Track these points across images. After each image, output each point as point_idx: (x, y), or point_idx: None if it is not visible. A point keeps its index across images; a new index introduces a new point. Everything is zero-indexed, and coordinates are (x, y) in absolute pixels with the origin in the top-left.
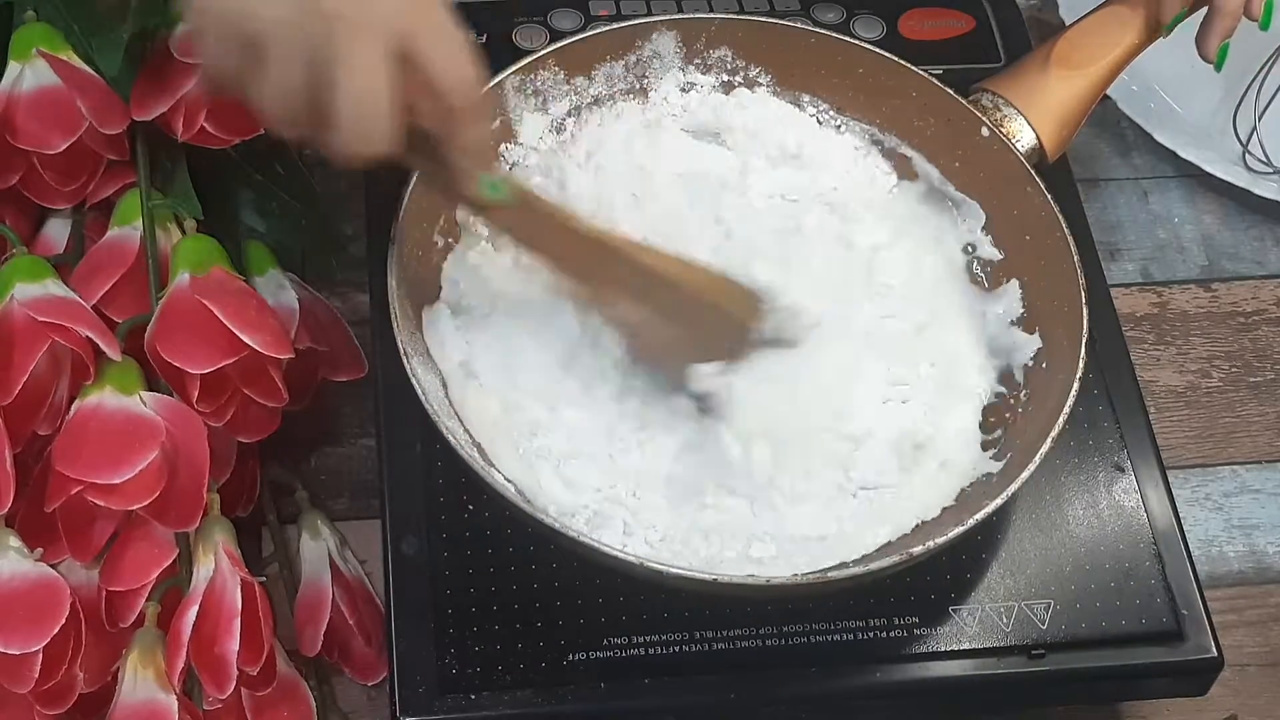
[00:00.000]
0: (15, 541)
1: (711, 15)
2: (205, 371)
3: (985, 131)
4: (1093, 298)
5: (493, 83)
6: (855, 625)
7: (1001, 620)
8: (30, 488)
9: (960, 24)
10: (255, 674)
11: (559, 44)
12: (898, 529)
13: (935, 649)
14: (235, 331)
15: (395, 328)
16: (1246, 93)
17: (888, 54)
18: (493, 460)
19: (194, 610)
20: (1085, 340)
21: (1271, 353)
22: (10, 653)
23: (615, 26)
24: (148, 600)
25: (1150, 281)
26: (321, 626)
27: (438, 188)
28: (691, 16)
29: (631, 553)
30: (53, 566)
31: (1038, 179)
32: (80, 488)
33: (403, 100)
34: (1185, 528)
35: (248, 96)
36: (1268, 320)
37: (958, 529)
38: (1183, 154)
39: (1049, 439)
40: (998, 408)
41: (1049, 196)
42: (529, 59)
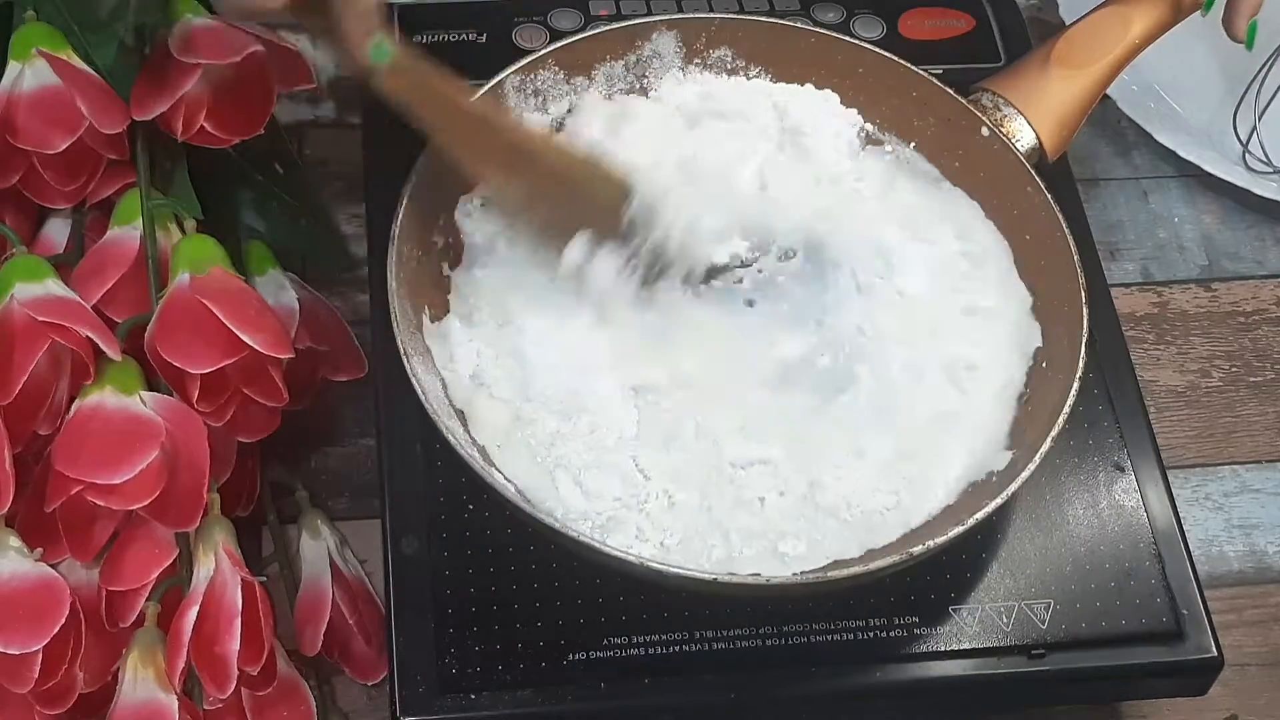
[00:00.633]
0: (15, 541)
1: (711, 15)
2: (205, 371)
3: (985, 131)
4: (1093, 297)
5: (492, 83)
6: (855, 625)
7: (1001, 620)
8: (30, 488)
9: (960, 24)
10: (256, 674)
11: (559, 44)
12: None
13: (935, 649)
14: (235, 331)
15: (395, 328)
16: (1246, 93)
17: (888, 54)
18: (503, 468)
19: (194, 610)
20: (1085, 340)
21: (1271, 353)
22: (10, 653)
23: (615, 26)
24: (148, 600)
25: (1150, 281)
26: (321, 626)
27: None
28: (691, 16)
29: (631, 552)
30: (53, 566)
31: (1038, 179)
32: (80, 488)
33: None
34: (1185, 528)
35: None
36: (1268, 320)
37: (958, 529)
38: (1183, 154)
39: (1049, 439)
40: None
41: (1049, 196)
42: (529, 59)
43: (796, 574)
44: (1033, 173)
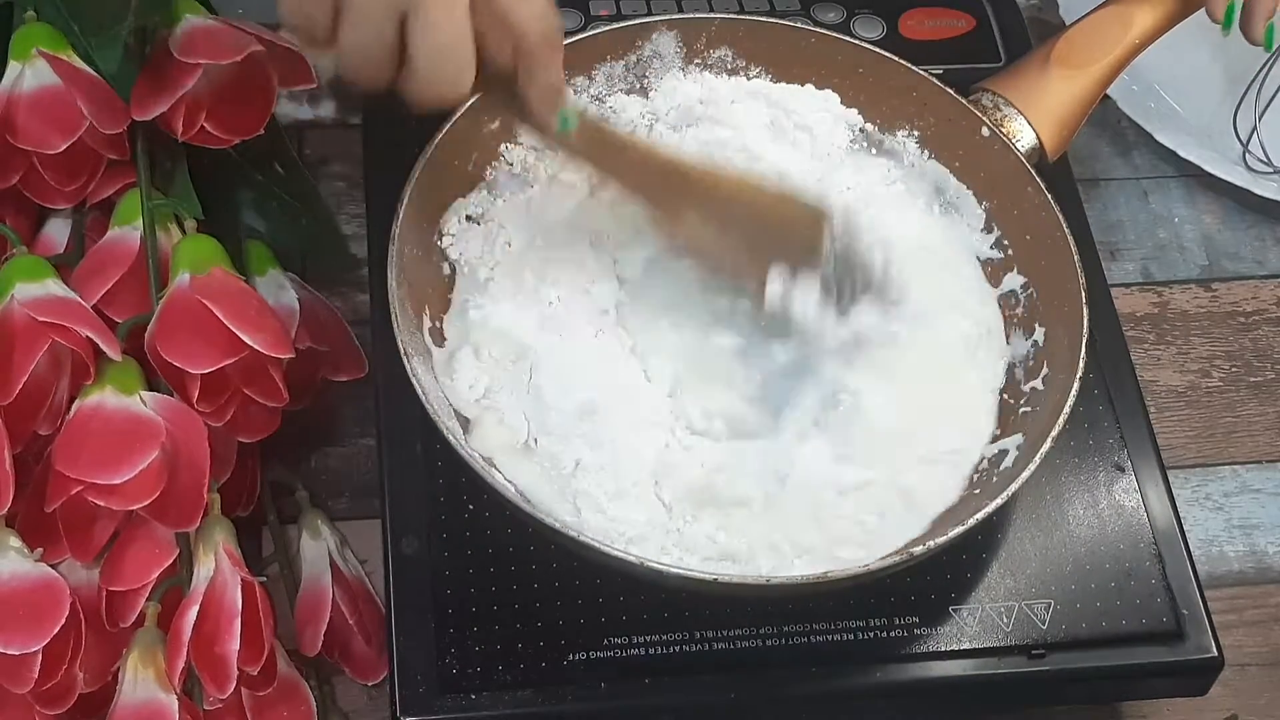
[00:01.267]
0: (15, 541)
1: (712, 15)
2: (205, 371)
3: (985, 131)
4: (1093, 298)
5: None
6: (855, 625)
7: (1001, 620)
8: (30, 488)
9: (960, 24)
10: (256, 674)
11: None
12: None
13: (935, 649)
14: (235, 331)
15: (395, 328)
16: (1246, 93)
17: (888, 54)
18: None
19: (194, 610)
20: (1085, 340)
21: (1271, 353)
22: (10, 653)
23: (615, 26)
24: (148, 600)
25: (1150, 281)
26: (322, 626)
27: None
28: (692, 16)
29: (631, 552)
30: (53, 566)
31: (1038, 179)
32: (80, 488)
33: (480, 42)
34: (1185, 528)
35: (329, 45)
36: (1268, 320)
37: (958, 529)
38: (1183, 154)
39: (1049, 439)
40: None
41: (1049, 196)
42: None
43: (797, 574)
44: (1033, 173)
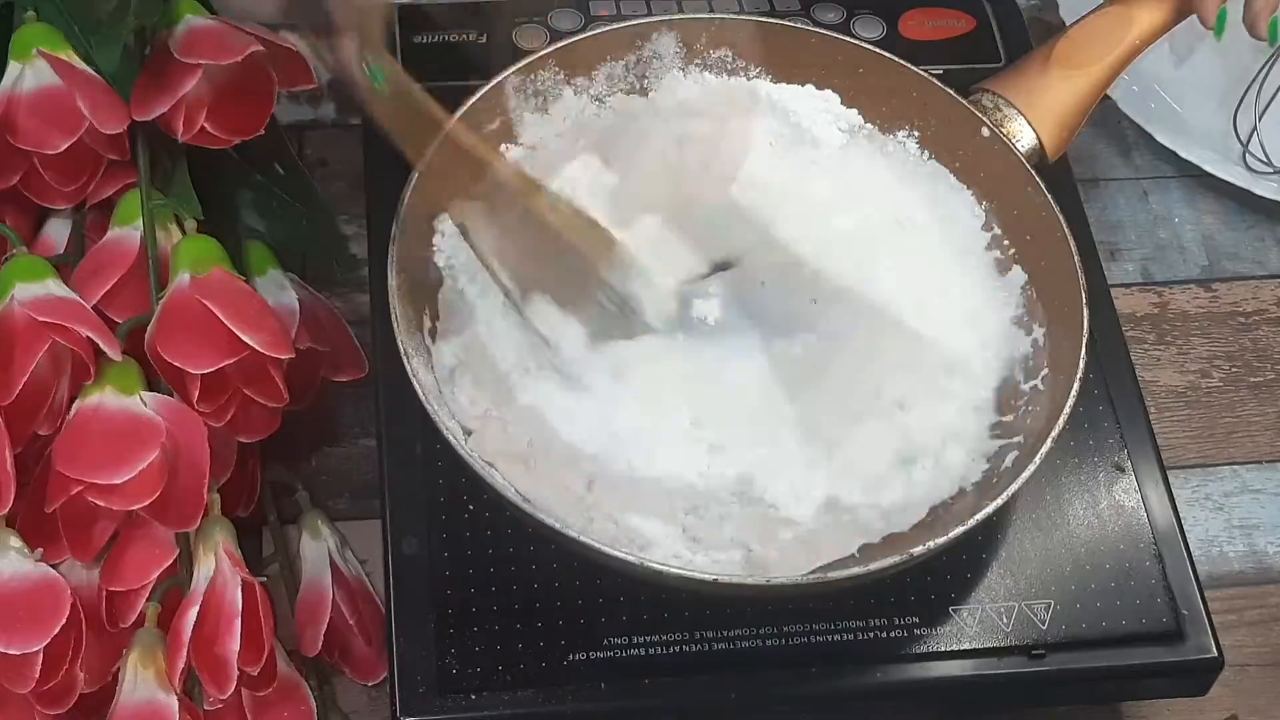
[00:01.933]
0: (16, 541)
1: (712, 15)
2: (206, 371)
3: (985, 132)
4: (1093, 298)
5: (493, 83)
6: (855, 625)
7: (1001, 620)
8: (30, 488)
9: (960, 24)
10: (256, 674)
11: (559, 44)
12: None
13: (935, 649)
14: (235, 331)
15: (395, 328)
16: (1246, 93)
17: (888, 54)
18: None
19: (194, 610)
20: (1085, 340)
21: (1271, 353)
22: (10, 653)
23: (616, 26)
24: (148, 600)
25: (1150, 281)
26: (322, 626)
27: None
28: (692, 16)
29: (631, 552)
30: (53, 566)
31: (1038, 179)
32: (81, 488)
33: None
34: (1185, 528)
35: None
36: (1268, 320)
37: (958, 529)
38: (1183, 154)
39: (1049, 439)
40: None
41: (1049, 196)
42: (529, 59)
43: (797, 574)
44: (1033, 173)
